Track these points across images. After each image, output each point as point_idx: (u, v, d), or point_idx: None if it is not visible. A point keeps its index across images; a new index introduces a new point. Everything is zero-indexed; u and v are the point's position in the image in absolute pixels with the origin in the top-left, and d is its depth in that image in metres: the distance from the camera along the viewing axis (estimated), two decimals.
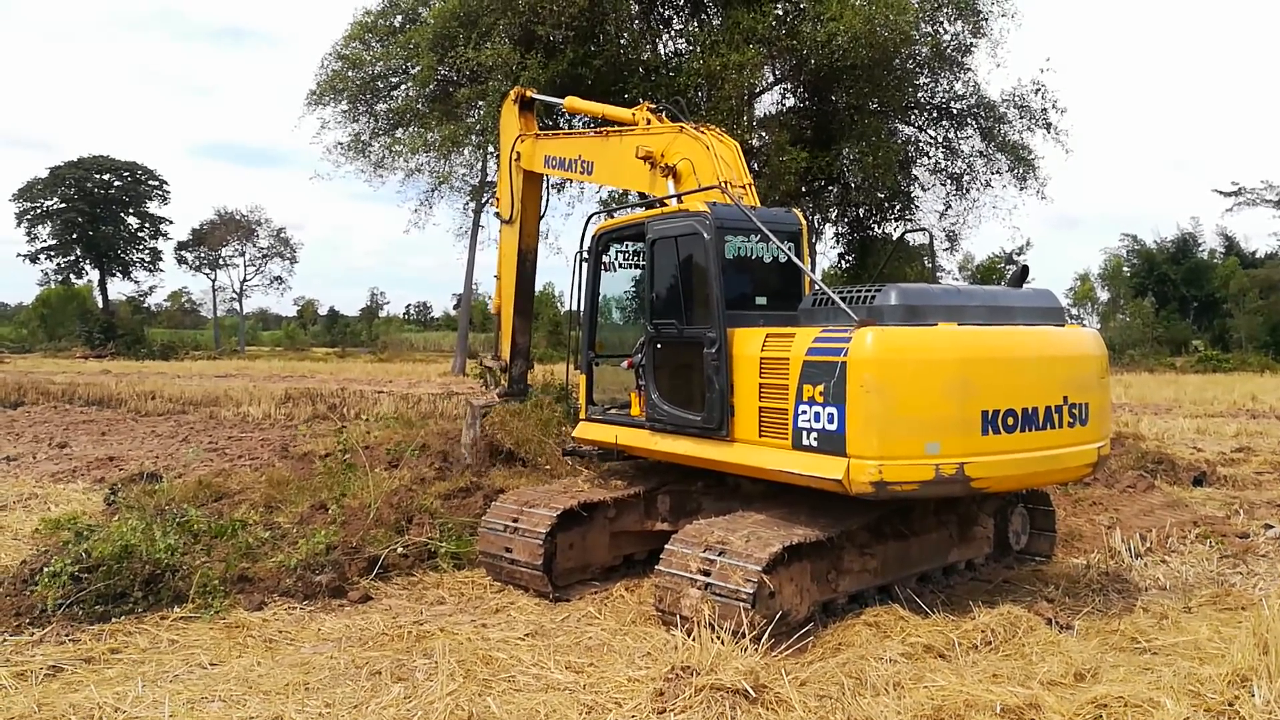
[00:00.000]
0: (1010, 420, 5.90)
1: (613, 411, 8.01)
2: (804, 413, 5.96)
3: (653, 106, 8.92)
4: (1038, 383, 6.12)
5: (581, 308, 8.20)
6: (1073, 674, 5.22)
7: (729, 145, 7.92)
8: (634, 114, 9.00)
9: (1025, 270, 7.32)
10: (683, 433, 6.97)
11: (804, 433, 5.97)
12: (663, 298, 7.25)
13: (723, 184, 7.15)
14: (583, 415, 8.30)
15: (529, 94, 10.71)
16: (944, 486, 5.80)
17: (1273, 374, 41.22)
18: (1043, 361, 6.23)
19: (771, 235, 6.70)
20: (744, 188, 7.66)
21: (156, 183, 73.61)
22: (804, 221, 7.51)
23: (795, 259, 6.86)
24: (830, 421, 5.79)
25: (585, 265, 8.11)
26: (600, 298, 8.24)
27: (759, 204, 7.75)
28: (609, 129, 9.35)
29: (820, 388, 5.83)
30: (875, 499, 5.83)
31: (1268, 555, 8.44)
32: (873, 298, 5.97)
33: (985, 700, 4.70)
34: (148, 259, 75.11)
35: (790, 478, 6.15)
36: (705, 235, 6.72)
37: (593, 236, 8.05)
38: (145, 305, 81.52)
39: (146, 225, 74.38)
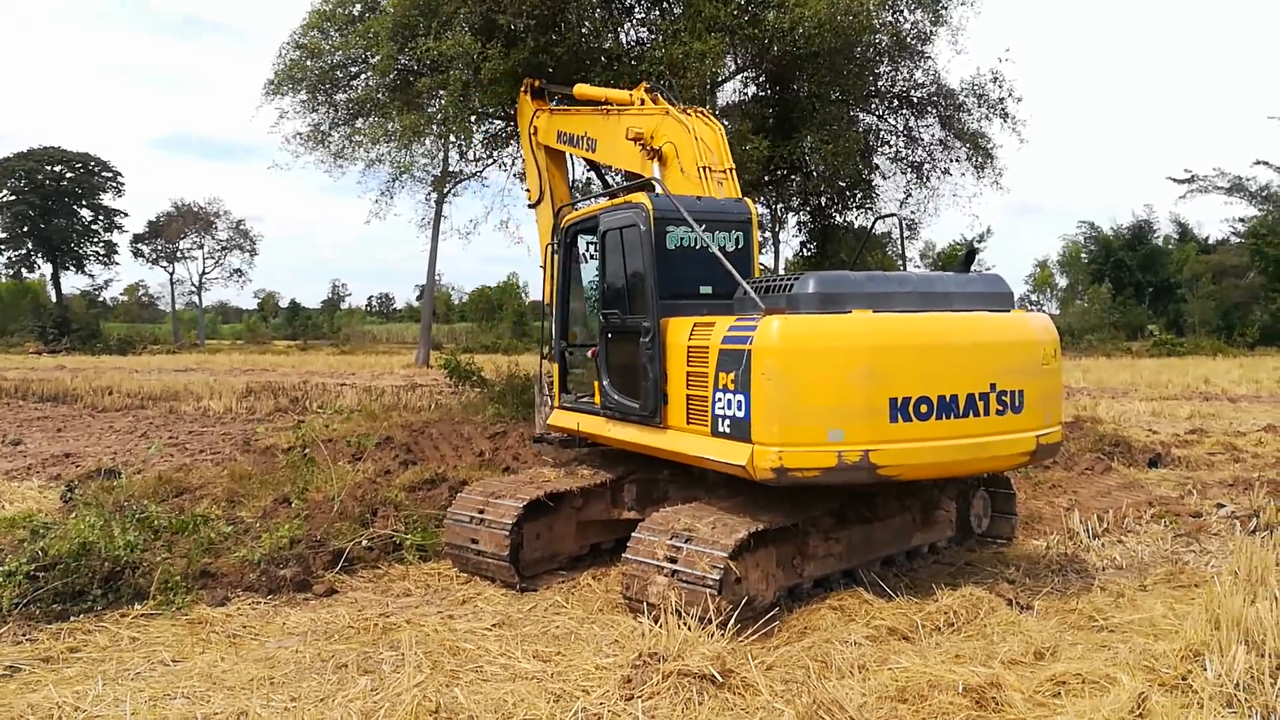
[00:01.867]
0: (924, 408, 5.85)
1: (583, 400, 8.04)
2: (720, 400, 6.03)
3: (649, 86, 8.95)
4: (959, 369, 6.04)
5: (553, 298, 8.23)
6: (1032, 653, 5.34)
7: (713, 129, 7.97)
8: (631, 95, 9.10)
9: (973, 253, 7.38)
10: (627, 420, 7.04)
11: (720, 419, 6.04)
12: (612, 288, 7.32)
13: (701, 170, 7.16)
14: (555, 404, 8.35)
15: (538, 83, 11.19)
16: (847, 474, 5.77)
17: (1225, 357, 42.16)
18: (966, 348, 6.13)
19: (695, 226, 6.70)
20: (724, 173, 7.70)
21: (110, 174, 71.75)
22: (754, 211, 7.52)
23: (715, 250, 6.72)
24: (739, 409, 5.86)
25: (555, 256, 8.15)
26: (571, 288, 8.28)
27: (738, 190, 7.77)
28: (609, 107, 9.47)
29: (732, 375, 5.91)
30: (777, 485, 5.85)
31: (1219, 534, 8.65)
32: (791, 286, 6.02)
33: (948, 680, 4.77)
34: (102, 252, 73.25)
35: (708, 464, 6.23)
36: (641, 227, 6.80)
37: (562, 228, 8.10)
38: (100, 299, 79.80)
39: (100, 218, 72.57)
